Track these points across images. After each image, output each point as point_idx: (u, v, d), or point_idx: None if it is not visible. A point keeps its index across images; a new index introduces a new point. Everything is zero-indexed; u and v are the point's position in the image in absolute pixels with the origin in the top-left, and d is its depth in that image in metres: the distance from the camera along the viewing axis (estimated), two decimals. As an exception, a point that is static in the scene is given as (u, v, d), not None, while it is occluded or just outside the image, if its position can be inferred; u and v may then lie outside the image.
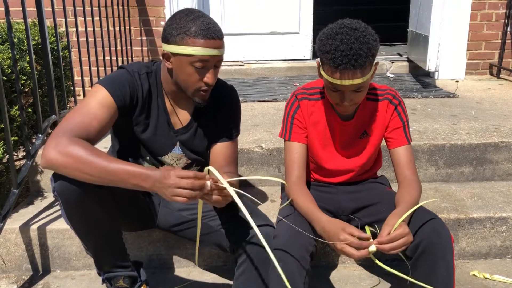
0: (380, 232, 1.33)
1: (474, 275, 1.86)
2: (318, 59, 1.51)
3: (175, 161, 1.68)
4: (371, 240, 1.31)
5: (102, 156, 1.29)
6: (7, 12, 1.86)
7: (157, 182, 1.26)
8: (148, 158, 1.67)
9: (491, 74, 3.95)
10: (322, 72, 1.48)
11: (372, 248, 1.30)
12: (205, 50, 1.41)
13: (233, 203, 1.33)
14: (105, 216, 1.49)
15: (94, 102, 1.43)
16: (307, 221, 1.51)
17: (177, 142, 1.65)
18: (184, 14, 1.45)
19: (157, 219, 1.76)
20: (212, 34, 1.42)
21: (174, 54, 1.45)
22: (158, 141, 1.63)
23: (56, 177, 1.39)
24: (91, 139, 1.38)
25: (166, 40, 1.46)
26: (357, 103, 1.52)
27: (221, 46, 1.46)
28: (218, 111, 1.65)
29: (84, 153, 1.28)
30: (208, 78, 1.46)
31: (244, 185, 2.26)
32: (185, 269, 1.96)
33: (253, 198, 1.44)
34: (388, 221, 1.36)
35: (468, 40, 3.80)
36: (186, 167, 1.71)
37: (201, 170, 1.71)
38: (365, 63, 1.39)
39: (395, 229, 1.32)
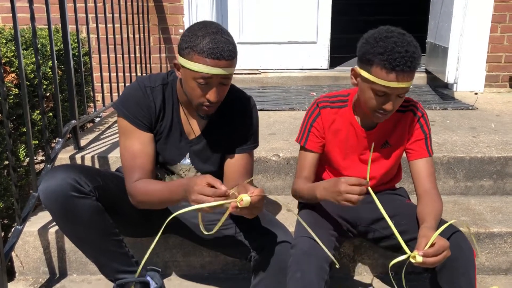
0: (418, 244, 1.30)
1: (494, 291, 1.83)
2: (356, 66, 1.49)
3: (183, 172, 1.68)
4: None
5: (157, 191, 1.47)
6: (32, 18, 1.89)
7: (186, 185, 1.34)
8: (158, 166, 1.67)
9: (511, 87, 3.91)
10: (369, 76, 1.44)
11: (419, 259, 1.27)
12: (208, 68, 1.38)
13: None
14: (91, 223, 1.53)
15: (129, 142, 1.55)
16: (325, 234, 1.50)
17: (187, 154, 1.65)
18: (198, 28, 1.41)
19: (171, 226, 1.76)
20: (218, 54, 1.37)
21: (182, 66, 1.45)
22: (168, 150, 1.63)
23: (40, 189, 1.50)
24: (150, 170, 1.55)
25: (178, 50, 1.47)
26: (394, 109, 1.50)
27: (227, 66, 1.40)
28: (233, 122, 1.63)
29: (146, 198, 1.51)
30: (210, 95, 1.44)
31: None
32: (201, 276, 1.95)
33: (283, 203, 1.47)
34: (425, 233, 1.33)
35: (488, 52, 3.77)
36: None
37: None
38: (418, 66, 1.43)
39: (434, 241, 1.29)
